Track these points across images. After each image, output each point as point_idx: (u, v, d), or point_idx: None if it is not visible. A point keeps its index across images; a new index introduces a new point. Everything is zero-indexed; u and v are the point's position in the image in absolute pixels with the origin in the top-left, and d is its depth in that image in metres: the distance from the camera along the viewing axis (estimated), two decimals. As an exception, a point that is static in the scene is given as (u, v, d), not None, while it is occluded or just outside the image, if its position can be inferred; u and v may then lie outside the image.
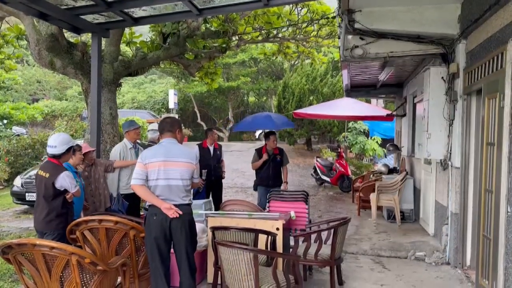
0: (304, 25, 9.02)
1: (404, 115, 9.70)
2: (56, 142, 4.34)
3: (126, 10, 5.49)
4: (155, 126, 8.47)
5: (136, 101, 26.90)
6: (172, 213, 3.60)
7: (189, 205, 3.79)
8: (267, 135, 7.19)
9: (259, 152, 7.12)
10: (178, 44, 7.27)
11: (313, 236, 4.70)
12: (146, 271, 4.11)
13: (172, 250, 3.79)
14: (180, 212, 3.62)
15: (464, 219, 5.21)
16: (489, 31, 4.28)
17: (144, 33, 8.56)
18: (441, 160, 5.81)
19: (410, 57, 6.31)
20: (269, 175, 6.94)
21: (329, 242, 4.53)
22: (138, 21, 5.86)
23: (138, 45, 7.57)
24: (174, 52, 7.34)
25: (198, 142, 7.52)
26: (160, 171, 3.65)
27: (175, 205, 3.64)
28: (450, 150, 5.50)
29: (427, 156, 5.89)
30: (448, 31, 5.33)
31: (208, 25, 8.07)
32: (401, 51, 5.81)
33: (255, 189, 7.20)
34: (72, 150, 4.62)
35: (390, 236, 6.80)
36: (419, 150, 6.74)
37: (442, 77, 5.60)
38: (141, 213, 6.65)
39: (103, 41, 6.87)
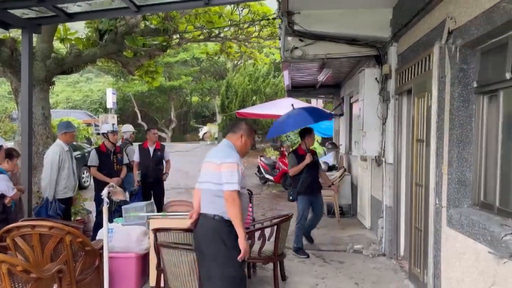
0: (246, 25, 9.10)
1: (342, 114, 10.09)
2: None
3: (59, 6, 5.23)
4: (129, 127, 8.27)
5: (71, 101, 25.68)
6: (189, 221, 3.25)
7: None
8: (303, 133, 6.00)
9: (296, 154, 5.92)
10: (115, 41, 7.04)
11: (257, 234, 4.76)
12: (84, 277, 3.95)
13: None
14: (189, 222, 3.28)
15: (397, 212, 5.53)
16: (418, 35, 4.56)
17: (80, 29, 8.20)
18: (375, 156, 6.12)
19: (347, 59, 6.58)
20: (313, 180, 5.88)
21: (273, 239, 4.61)
22: (72, 17, 5.60)
23: (72, 41, 7.24)
24: (111, 50, 7.11)
25: (140, 143, 7.33)
26: (201, 174, 3.34)
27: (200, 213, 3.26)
28: (384, 147, 5.81)
29: (363, 153, 6.18)
30: (381, 34, 5.62)
31: (147, 23, 7.89)
32: (338, 53, 6.05)
33: (293, 199, 5.86)
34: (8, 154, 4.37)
35: (330, 230, 7.05)
36: (355, 148, 7.05)
37: (376, 78, 5.90)
38: (78, 217, 6.39)
39: (35, 37, 6.49)
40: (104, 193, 3.92)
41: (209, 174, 3.21)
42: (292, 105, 6.74)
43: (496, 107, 3.20)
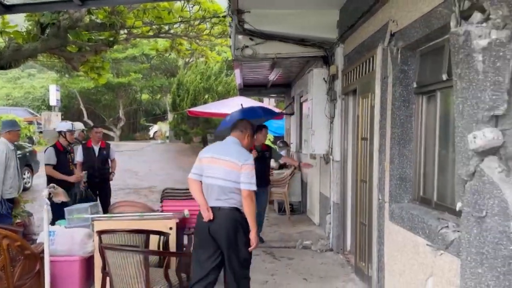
0: (196, 22, 8.99)
1: (293, 113, 10.25)
2: None
3: (-6, -5, 4.90)
4: (79, 125, 7.91)
5: (11, 98, 24.28)
6: (206, 216, 3.41)
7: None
8: (256, 129, 6.13)
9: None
10: (58, 35, 6.72)
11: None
12: (23, 282, 3.76)
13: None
14: (211, 217, 3.39)
15: (344, 208, 5.70)
16: (363, 37, 4.72)
17: (20, 22, 7.76)
18: (323, 154, 6.27)
19: (296, 59, 6.69)
20: (260, 175, 6.38)
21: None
22: (10, 9, 5.24)
23: (11, 35, 6.83)
24: (54, 44, 6.78)
25: (83, 142, 7.05)
26: (207, 167, 3.49)
27: (212, 207, 3.43)
28: (331, 145, 5.96)
29: (312, 151, 6.32)
30: (328, 35, 5.75)
31: (93, 17, 7.59)
32: (287, 52, 6.14)
33: None
34: None
35: (280, 228, 7.14)
36: (305, 146, 7.17)
37: (324, 78, 6.03)
38: (18, 220, 6.06)
39: (-33, 29, 6.08)
40: (44, 194, 3.75)
41: (226, 172, 3.42)
42: (242, 104, 6.95)
43: (434, 107, 3.38)
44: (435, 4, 2.94)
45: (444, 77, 3.08)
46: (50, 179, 6.08)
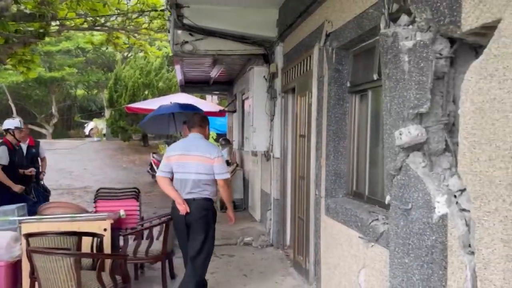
0: (134, 16, 8.72)
1: (235, 111, 10.26)
2: None
3: None
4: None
5: None
6: (182, 209, 3.69)
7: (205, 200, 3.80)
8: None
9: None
10: (-20, 25, 6.23)
11: (146, 234, 4.61)
12: None
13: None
14: (188, 210, 3.70)
15: (284, 204, 5.79)
16: (301, 36, 4.81)
17: None
18: (264, 151, 6.34)
19: (237, 56, 6.70)
20: None
21: (161, 238, 4.51)
22: None
23: None
24: (-24, 34, 6.27)
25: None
26: (178, 164, 3.76)
27: (186, 199, 3.72)
28: (272, 143, 6.04)
29: (253, 148, 6.36)
30: (268, 34, 5.81)
31: (21, 6, 7.11)
32: (228, 50, 6.14)
33: None
34: None
35: (222, 225, 7.05)
36: (247, 143, 7.21)
37: (264, 76, 6.09)
38: None
39: None
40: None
41: (198, 166, 3.73)
42: (171, 102, 7.08)
43: (366, 105, 3.52)
44: (367, 6, 3.06)
45: (375, 76, 3.22)
46: None
